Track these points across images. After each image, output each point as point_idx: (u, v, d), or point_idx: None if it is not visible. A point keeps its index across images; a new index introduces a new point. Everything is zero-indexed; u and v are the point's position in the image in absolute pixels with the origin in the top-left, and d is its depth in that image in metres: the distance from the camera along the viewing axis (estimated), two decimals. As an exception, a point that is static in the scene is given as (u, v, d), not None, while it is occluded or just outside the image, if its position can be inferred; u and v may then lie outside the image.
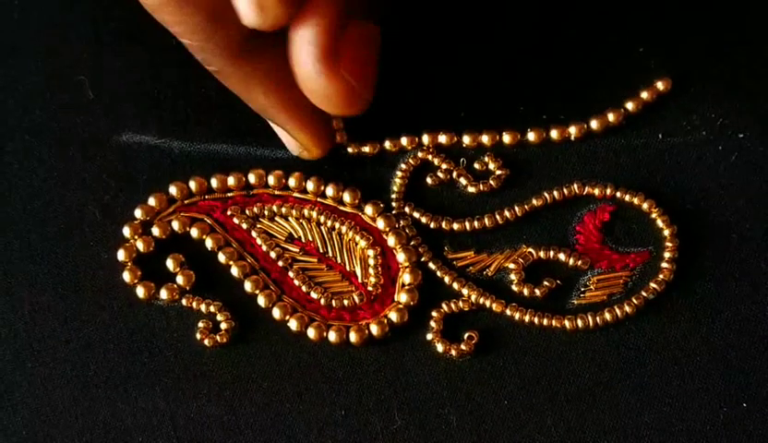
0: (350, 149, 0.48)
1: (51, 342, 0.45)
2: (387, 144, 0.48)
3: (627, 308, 0.44)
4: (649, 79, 0.48)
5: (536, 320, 0.45)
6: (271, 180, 0.47)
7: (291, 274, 0.46)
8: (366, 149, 0.48)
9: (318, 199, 0.47)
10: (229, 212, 0.47)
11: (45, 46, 0.50)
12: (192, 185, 0.47)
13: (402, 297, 0.45)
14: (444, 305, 0.45)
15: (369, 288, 0.46)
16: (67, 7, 0.50)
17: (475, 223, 0.46)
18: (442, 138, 0.48)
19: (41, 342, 0.45)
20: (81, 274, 0.46)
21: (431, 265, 0.46)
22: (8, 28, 0.50)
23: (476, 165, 0.47)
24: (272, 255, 0.46)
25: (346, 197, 0.47)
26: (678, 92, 0.47)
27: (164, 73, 0.49)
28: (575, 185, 0.46)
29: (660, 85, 0.47)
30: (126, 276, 0.46)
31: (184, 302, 0.46)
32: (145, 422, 0.44)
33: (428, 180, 0.47)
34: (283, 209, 0.47)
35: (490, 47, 0.49)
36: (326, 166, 0.48)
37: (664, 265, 0.45)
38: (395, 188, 0.47)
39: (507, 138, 0.47)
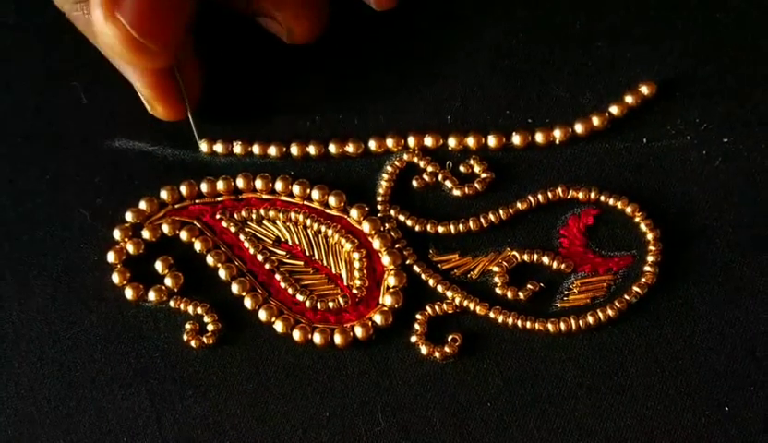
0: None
1: (38, 343, 0.46)
2: (372, 144, 0.48)
3: (610, 312, 0.44)
4: (634, 84, 0.48)
5: (520, 323, 0.45)
6: (259, 184, 0.48)
7: (278, 277, 0.46)
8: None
9: (305, 203, 0.47)
10: (218, 216, 0.47)
11: (40, 51, 0.50)
12: (183, 189, 0.48)
13: (387, 300, 0.45)
14: (428, 308, 0.45)
15: (354, 290, 0.46)
16: (63, 13, 0.50)
17: (460, 226, 0.46)
18: (428, 140, 0.48)
19: (28, 343, 0.46)
20: (70, 276, 0.47)
21: (416, 268, 0.46)
22: (4, 32, 0.51)
23: (462, 168, 0.47)
24: (260, 258, 0.47)
25: (332, 200, 0.47)
26: (662, 97, 0.48)
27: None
28: (559, 189, 0.46)
29: (645, 89, 0.47)
30: (116, 277, 0.46)
31: (171, 303, 0.46)
32: (131, 423, 0.45)
33: (414, 183, 0.47)
34: (271, 213, 0.47)
35: (476, 50, 0.49)
36: (312, 167, 0.48)
37: (647, 269, 0.45)
38: (381, 191, 0.47)
39: (492, 141, 0.47)
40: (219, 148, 0.48)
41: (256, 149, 0.48)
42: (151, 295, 0.46)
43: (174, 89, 0.47)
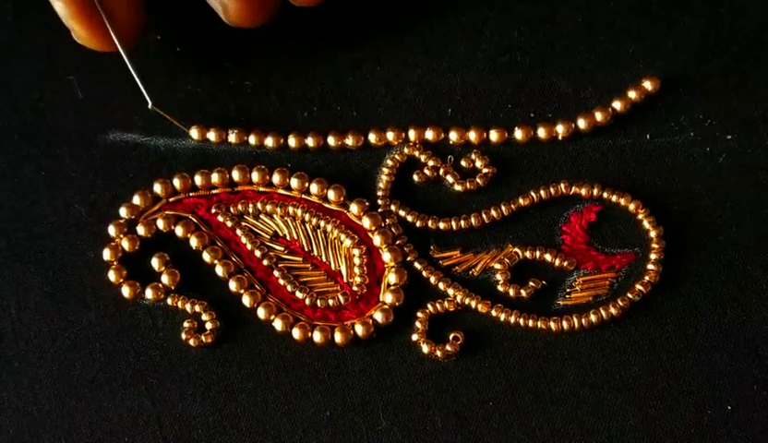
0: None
1: (37, 342, 0.45)
2: (372, 137, 0.47)
3: (612, 310, 0.44)
4: (637, 79, 0.47)
5: (522, 321, 0.44)
6: (255, 176, 0.47)
7: (276, 273, 0.46)
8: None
9: (303, 196, 0.47)
10: (213, 210, 0.47)
11: (35, 47, 0.49)
12: (176, 182, 0.47)
13: (388, 297, 0.45)
14: (429, 306, 0.45)
15: (354, 288, 0.45)
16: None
17: (462, 222, 0.46)
18: (429, 134, 0.47)
19: (27, 342, 0.45)
20: (68, 273, 0.46)
21: (417, 264, 0.46)
22: (1, 30, 0.50)
23: (463, 163, 0.47)
24: (257, 253, 0.46)
25: (331, 194, 0.46)
26: (666, 93, 0.47)
27: (151, 71, 0.48)
28: (562, 185, 0.46)
29: (648, 85, 0.47)
30: (112, 275, 0.46)
31: (169, 301, 0.46)
32: (131, 422, 0.44)
33: (415, 177, 0.47)
34: (268, 207, 0.47)
35: (477, 43, 0.48)
36: (310, 159, 0.47)
37: (650, 267, 0.45)
38: (381, 185, 0.47)
39: (494, 136, 0.47)
40: (212, 136, 0.48)
41: (252, 139, 0.47)
42: (148, 293, 0.46)
43: (95, 7, 0.44)
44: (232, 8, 0.45)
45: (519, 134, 0.47)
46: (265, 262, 0.46)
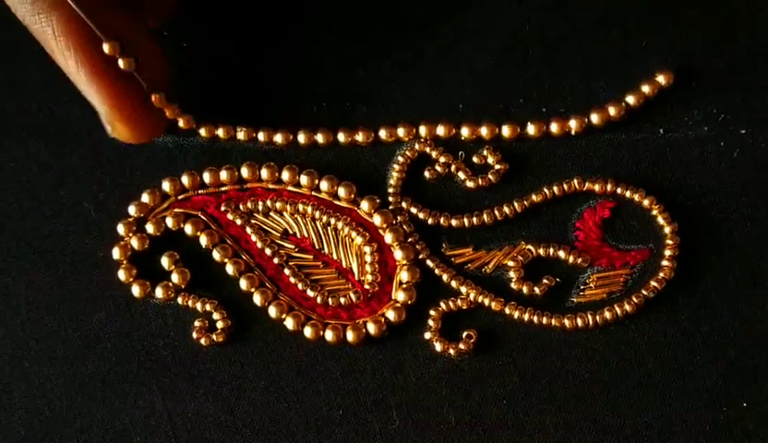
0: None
1: (48, 342, 0.45)
2: (382, 133, 0.47)
3: (627, 307, 0.44)
4: (650, 73, 0.46)
5: (536, 319, 0.44)
6: (264, 173, 0.46)
7: (287, 272, 0.46)
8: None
9: (313, 193, 0.46)
10: (223, 208, 0.46)
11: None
12: (185, 179, 0.47)
13: (400, 296, 0.45)
14: (442, 304, 0.45)
15: (366, 286, 0.45)
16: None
17: (474, 219, 0.45)
18: (440, 130, 0.47)
19: (38, 342, 0.45)
20: (77, 273, 0.46)
21: (429, 262, 0.45)
22: (6, 26, 0.49)
23: (475, 159, 0.46)
24: (267, 252, 0.46)
25: (341, 191, 0.46)
26: (679, 87, 0.46)
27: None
28: (575, 181, 0.45)
29: (662, 79, 0.46)
30: (122, 275, 0.45)
31: (179, 300, 0.45)
32: (143, 422, 0.44)
33: (426, 174, 0.46)
34: (278, 205, 0.46)
35: (488, 37, 0.48)
36: (320, 156, 0.47)
37: (664, 263, 0.44)
38: (392, 182, 0.46)
39: (506, 131, 0.46)
40: (221, 132, 0.47)
41: (261, 135, 0.47)
42: (159, 292, 0.45)
43: (139, 103, 0.45)
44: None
45: (531, 129, 0.46)
46: (275, 260, 0.46)
